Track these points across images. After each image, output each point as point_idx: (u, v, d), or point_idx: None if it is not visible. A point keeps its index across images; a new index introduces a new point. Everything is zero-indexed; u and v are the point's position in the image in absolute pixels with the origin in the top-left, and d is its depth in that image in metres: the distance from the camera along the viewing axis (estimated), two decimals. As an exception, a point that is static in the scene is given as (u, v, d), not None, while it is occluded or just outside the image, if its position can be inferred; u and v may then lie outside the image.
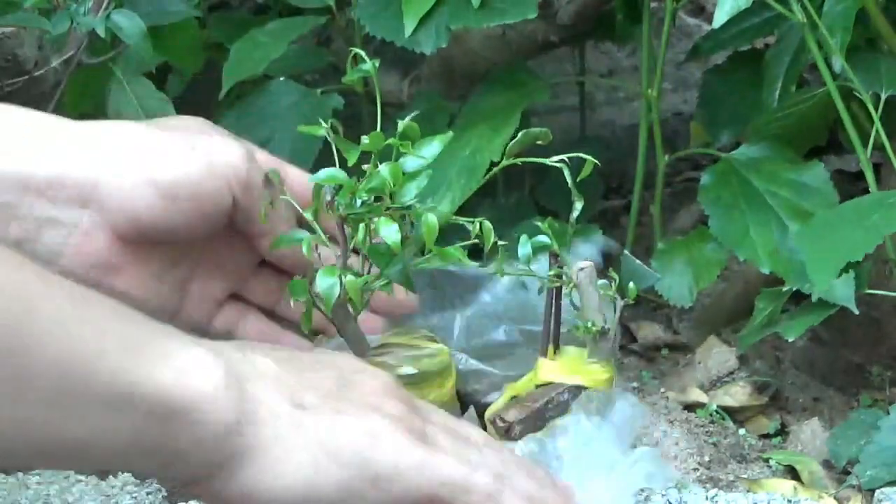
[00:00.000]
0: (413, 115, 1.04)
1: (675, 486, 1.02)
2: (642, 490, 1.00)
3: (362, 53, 1.06)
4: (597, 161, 1.01)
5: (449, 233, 1.11)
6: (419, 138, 1.03)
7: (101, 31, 1.18)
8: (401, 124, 1.01)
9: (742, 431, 1.19)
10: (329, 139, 1.03)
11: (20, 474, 1.06)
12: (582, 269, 1.07)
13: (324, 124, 1.03)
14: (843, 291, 1.14)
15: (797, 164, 1.29)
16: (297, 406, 0.75)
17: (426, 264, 1.03)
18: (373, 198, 0.98)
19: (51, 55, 1.22)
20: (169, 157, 0.89)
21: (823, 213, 1.16)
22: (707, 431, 1.17)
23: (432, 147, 1.04)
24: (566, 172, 0.93)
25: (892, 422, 1.12)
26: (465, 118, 1.40)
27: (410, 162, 1.02)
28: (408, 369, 1.06)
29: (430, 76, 1.52)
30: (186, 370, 0.70)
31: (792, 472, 1.14)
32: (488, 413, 1.09)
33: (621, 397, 1.06)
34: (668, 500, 0.99)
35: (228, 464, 0.72)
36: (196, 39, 1.40)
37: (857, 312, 1.14)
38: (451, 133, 1.07)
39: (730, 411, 1.22)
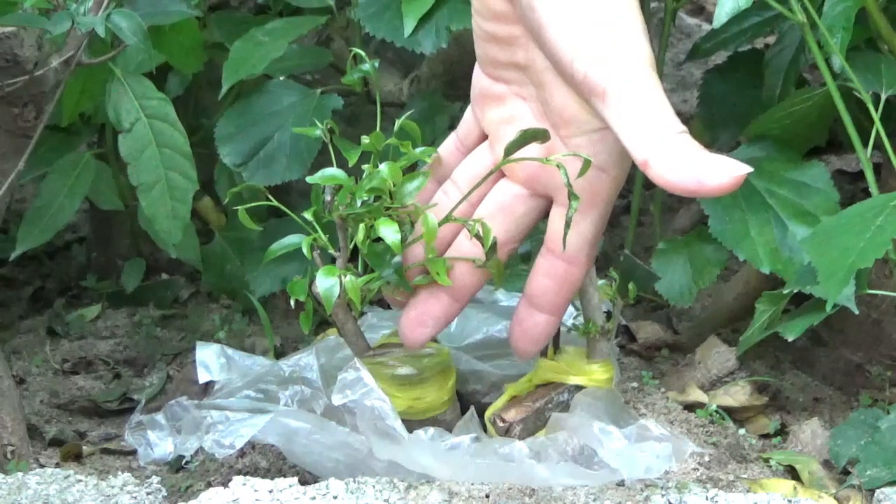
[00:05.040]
0: (409, 112, 1.04)
1: (675, 486, 1.02)
2: (642, 490, 1.00)
3: (362, 54, 1.06)
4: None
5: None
6: (419, 137, 1.04)
7: (101, 31, 1.18)
8: (398, 123, 1.02)
9: (742, 431, 1.19)
10: (325, 140, 1.03)
11: (20, 474, 1.06)
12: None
13: (319, 125, 1.03)
14: (843, 291, 1.14)
15: (797, 164, 1.29)
16: None
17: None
18: (373, 198, 0.98)
19: (51, 55, 1.22)
20: None
21: (828, 219, 1.16)
22: (707, 431, 1.17)
23: (427, 149, 1.05)
24: (564, 172, 0.93)
25: (892, 422, 1.12)
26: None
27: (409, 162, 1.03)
28: (407, 369, 1.06)
29: (430, 76, 1.52)
30: None
31: (792, 472, 1.14)
32: (488, 413, 1.09)
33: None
34: (668, 501, 0.99)
35: None
36: (196, 39, 1.40)
37: (856, 312, 1.14)
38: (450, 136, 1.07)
39: (730, 411, 1.22)
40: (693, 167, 0.84)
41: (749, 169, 0.84)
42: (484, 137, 1.02)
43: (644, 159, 0.86)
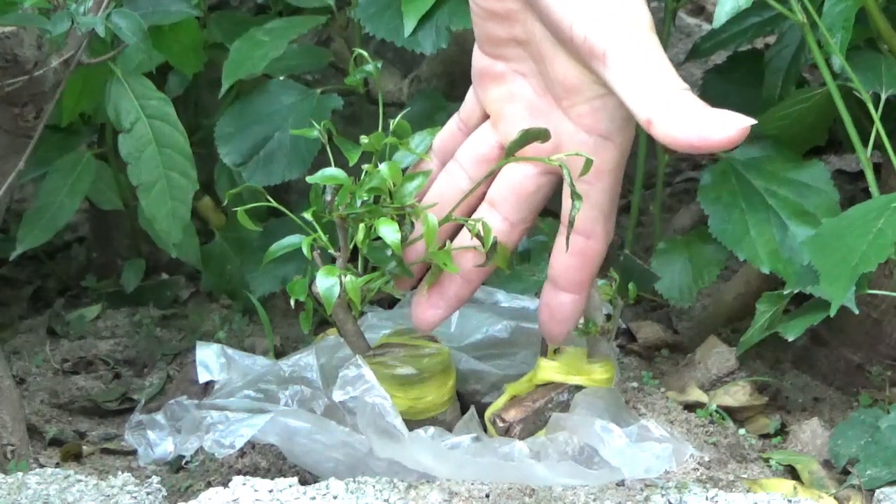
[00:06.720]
0: (406, 111, 1.04)
1: (675, 486, 1.02)
2: (642, 489, 1.00)
3: (364, 54, 1.06)
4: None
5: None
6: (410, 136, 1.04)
7: (101, 31, 1.18)
8: (393, 122, 1.02)
9: (742, 431, 1.19)
10: (323, 141, 1.03)
11: (20, 474, 1.06)
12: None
13: (317, 126, 1.03)
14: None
15: (797, 163, 1.29)
16: None
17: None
18: (373, 198, 0.98)
19: (51, 55, 1.22)
20: None
21: (829, 220, 1.16)
22: (707, 431, 1.17)
23: (424, 142, 1.05)
24: (566, 172, 0.93)
25: (892, 422, 1.12)
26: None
27: (404, 158, 1.03)
28: (407, 369, 1.06)
29: (430, 76, 1.52)
30: None
31: (792, 472, 1.14)
32: (488, 413, 1.09)
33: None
34: (668, 500, 0.99)
35: None
36: (196, 39, 1.40)
37: (857, 312, 1.14)
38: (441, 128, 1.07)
39: (730, 411, 1.22)
40: (697, 122, 0.84)
41: (753, 121, 0.84)
42: (486, 117, 1.03)
43: (647, 118, 0.86)
